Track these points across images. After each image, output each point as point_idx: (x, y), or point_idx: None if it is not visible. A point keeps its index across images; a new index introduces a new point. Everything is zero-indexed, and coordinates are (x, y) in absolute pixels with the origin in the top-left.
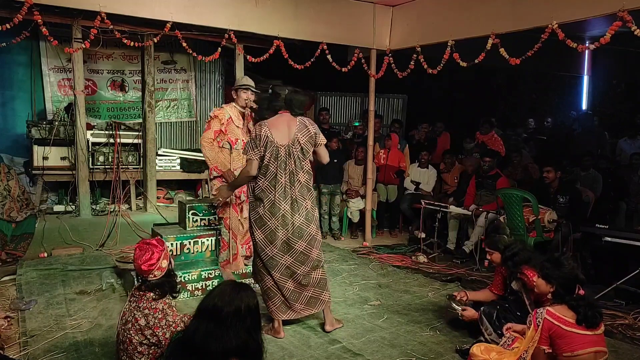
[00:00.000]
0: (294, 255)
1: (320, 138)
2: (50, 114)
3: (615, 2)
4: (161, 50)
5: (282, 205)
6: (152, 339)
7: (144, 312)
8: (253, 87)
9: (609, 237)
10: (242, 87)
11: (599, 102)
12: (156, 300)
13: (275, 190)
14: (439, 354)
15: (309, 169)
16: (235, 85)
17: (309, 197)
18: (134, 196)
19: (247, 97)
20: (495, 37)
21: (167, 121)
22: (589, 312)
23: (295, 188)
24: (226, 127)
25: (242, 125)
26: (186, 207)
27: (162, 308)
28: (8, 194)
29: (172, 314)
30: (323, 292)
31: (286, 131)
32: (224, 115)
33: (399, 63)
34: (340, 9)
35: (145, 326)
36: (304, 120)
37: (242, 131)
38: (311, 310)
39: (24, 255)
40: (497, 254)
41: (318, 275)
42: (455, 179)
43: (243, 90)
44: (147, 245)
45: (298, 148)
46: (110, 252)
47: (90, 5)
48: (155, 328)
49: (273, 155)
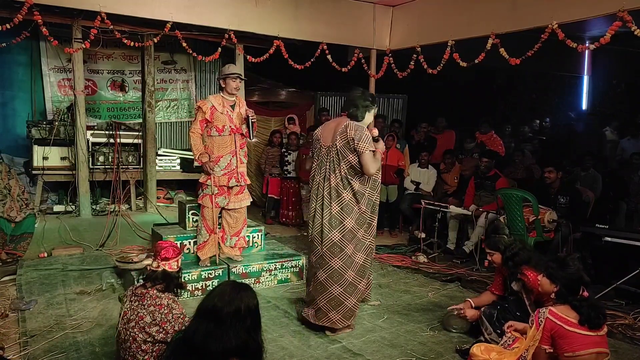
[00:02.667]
0: (316, 256)
1: (361, 146)
2: (50, 114)
3: (615, 2)
4: (161, 51)
5: (314, 203)
6: (158, 336)
7: (148, 309)
8: (241, 74)
9: (609, 237)
10: (231, 75)
11: (599, 102)
12: (160, 297)
13: (312, 188)
14: (439, 354)
15: (350, 180)
16: (222, 74)
17: (338, 203)
18: (134, 196)
19: (236, 85)
20: (495, 37)
21: (167, 121)
22: (592, 313)
23: (325, 189)
24: (211, 115)
25: (229, 112)
26: (186, 207)
27: (167, 303)
28: (8, 193)
29: (177, 307)
30: (334, 314)
31: (332, 133)
32: (206, 105)
33: (399, 63)
34: (340, 9)
35: (152, 323)
36: (350, 124)
37: (229, 118)
38: (316, 322)
39: (24, 255)
40: (498, 255)
41: (335, 291)
42: (455, 179)
43: (232, 78)
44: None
45: (334, 151)
46: (110, 252)
47: (90, 5)
48: (163, 323)
49: (316, 154)
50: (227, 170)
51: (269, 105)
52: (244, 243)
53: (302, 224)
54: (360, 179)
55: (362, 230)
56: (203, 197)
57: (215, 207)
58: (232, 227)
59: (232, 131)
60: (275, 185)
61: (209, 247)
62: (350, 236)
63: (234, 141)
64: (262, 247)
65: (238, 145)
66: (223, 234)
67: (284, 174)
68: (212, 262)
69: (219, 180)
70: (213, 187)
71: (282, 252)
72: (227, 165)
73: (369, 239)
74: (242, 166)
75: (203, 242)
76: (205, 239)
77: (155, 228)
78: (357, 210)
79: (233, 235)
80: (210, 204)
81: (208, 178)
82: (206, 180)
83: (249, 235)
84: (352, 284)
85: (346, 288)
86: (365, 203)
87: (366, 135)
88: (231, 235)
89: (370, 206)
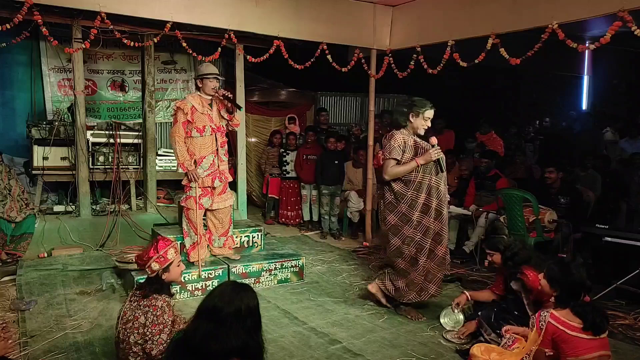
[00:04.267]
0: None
1: (384, 153)
2: (50, 114)
3: (615, 2)
4: (161, 51)
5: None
6: (145, 337)
7: (144, 309)
8: (218, 74)
9: (609, 237)
10: (208, 76)
11: (599, 102)
12: (156, 298)
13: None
14: (439, 354)
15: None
16: (199, 74)
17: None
18: (134, 196)
19: (213, 85)
20: (495, 37)
21: (167, 121)
22: (596, 319)
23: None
24: (191, 116)
25: (209, 112)
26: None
27: (161, 305)
28: (8, 193)
29: (167, 313)
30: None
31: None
32: (186, 106)
33: (399, 63)
34: (341, 9)
35: (144, 324)
36: (387, 135)
37: (209, 118)
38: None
39: (23, 256)
40: (498, 255)
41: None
42: (455, 179)
43: (209, 79)
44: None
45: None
46: (110, 252)
47: (90, 5)
48: (153, 325)
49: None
50: (211, 171)
51: (268, 105)
52: (232, 242)
53: (302, 224)
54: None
55: (407, 226)
56: (187, 200)
57: (199, 209)
58: (218, 228)
59: (213, 131)
60: (275, 185)
61: (201, 249)
62: (394, 230)
63: (214, 140)
64: (262, 247)
65: (219, 144)
66: (210, 235)
67: (283, 174)
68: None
69: (203, 181)
70: (197, 189)
71: (282, 252)
72: (211, 166)
73: (419, 235)
74: (222, 164)
75: (193, 244)
76: (194, 240)
77: (155, 228)
78: (398, 210)
79: (221, 235)
80: (195, 206)
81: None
82: (189, 183)
83: (248, 235)
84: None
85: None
86: (408, 203)
87: (390, 145)
88: (219, 236)
89: (413, 206)
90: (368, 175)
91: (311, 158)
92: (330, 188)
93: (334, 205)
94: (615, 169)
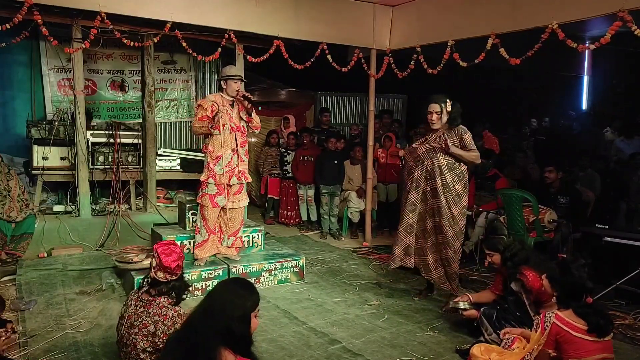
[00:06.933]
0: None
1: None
2: (50, 114)
3: (615, 2)
4: (161, 50)
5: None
6: (156, 346)
7: (153, 318)
8: (242, 76)
9: (609, 237)
10: (233, 77)
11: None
12: (167, 308)
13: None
14: (439, 354)
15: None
16: (223, 75)
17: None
18: (134, 196)
19: (237, 87)
20: (495, 37)
21: (167, 121)
22: (601, 321)
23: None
24: (211, 112)
25: (229, 111)
26: (186, 207)
27: (172, 315)
28: (8, 194)
29: (179, 323)
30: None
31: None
32: (206, 102)
33: (399, 63)
34: (340, 9)
35: (154, 333)
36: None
37: (229, 117)
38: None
39: (23, 255)
40: (497, 256)
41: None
42: None
43: (234, 80)
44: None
45: None
46: (110, 252)
47: (90, 5)
48: (164, 335)
49: None
50: (229, 168)
51: (268, 105)
52: (240, 243)
53: (301, 224)
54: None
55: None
56: (203, 197)
57: (214, 207)
58: (229, 227)
59: (233, 130)
60: (274, 185)
61: (208, 246)
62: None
63: (234, 139)
64: (262, 247)
65: (239, 144)
66: (221, 233)
67: (283, 174)
68: (207, 262)
69: (220, 178)
70: (213, 186)
71: (282, 252)
72: (229, 163)
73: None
74: (242, 164)
75: (202, 241)
76: (204, 237)
77: (155, 228)
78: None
79: (230, 235)
80: (210, 204)
81: (209, 176)
82: (207, 179)
83: (248, 235)
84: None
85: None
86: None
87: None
88: (229, 235)
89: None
90: (368, 175)
91: (307, 159)
92: (329, 188)
93: (333, 205)
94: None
